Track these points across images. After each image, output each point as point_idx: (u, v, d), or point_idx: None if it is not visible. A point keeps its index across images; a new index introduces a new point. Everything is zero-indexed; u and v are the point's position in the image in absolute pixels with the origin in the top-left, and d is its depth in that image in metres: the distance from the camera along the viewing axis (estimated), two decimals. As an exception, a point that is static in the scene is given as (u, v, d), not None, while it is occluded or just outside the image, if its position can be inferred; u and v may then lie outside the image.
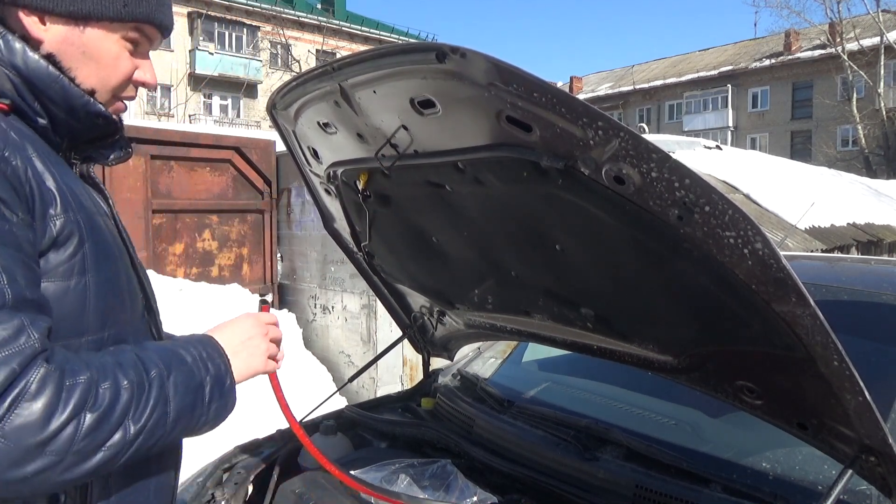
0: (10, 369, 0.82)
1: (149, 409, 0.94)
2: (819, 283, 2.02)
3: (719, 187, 1.68)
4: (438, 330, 2.38)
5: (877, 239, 8.93)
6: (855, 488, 1.44)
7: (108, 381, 0.91)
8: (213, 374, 1.05)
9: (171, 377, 0.98)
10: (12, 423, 0.81)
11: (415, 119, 1.38)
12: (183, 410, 0.99)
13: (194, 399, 1.01)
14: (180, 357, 1.03)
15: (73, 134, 1.08)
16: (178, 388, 0.98)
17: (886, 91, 27.22)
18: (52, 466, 0.84)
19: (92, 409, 0.87)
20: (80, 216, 0.99)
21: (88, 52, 1.05)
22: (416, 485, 1.67)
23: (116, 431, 0.89)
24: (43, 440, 0.83)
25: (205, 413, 1.03)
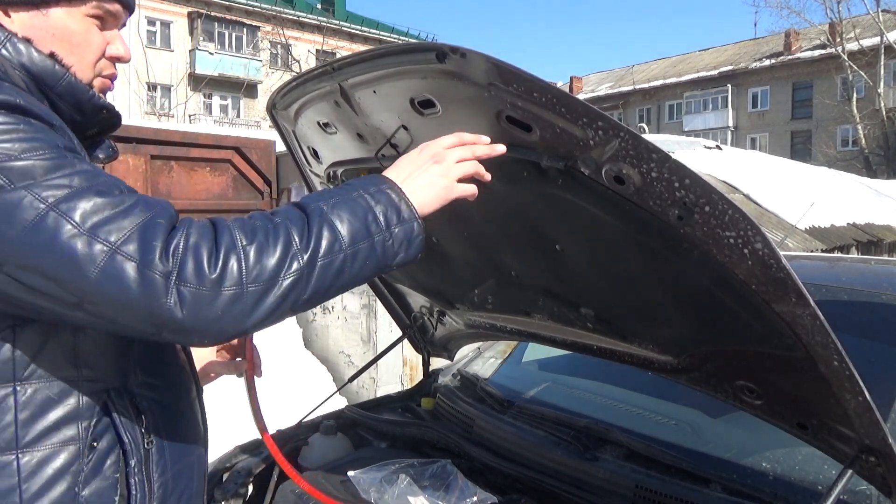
0: (160, 224, 0.90)
1: (314, 235, 0.96)
2: (819, 283, 2.02)
3: (719, 187, 1.68)
4: (438, 330, 2.38)
5: (877, 239, 8.94)
6: (855, 488, 1.44)
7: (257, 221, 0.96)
8: (383, 201, 1.03)
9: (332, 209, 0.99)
10: (185, 268, 0.88)
11: (415, 119, 1.38)
12: (357, 234, 0.98)
13: (365, 223, 1.00)
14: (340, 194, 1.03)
15: (77, 130, 1.10)
16: (342, 217, 0.99)
17: (886, 91, 27.23)
18: (238, 300, 0.90)
19: (248, 242, 0.92)
20: None
21: (58, 33, 1.07)
22: (416, 485, 1.67)
23: (287, 260, 0.93)
24: (216, 277, 0.89)
25: (389, 237, 1.01)
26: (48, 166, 0.89)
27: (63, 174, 0.89)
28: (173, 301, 0.87)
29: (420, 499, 1.64)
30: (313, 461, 2.02)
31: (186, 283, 0.88)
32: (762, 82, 34.95)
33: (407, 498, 1.64)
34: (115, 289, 0.87)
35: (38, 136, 0.91)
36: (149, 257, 0.87)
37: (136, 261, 0.87)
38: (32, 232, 0.86)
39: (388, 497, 1.65)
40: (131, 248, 0.87)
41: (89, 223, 0.87)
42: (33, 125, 0.92)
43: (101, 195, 0.90)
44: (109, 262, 0.86)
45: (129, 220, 0.89)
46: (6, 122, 0.90)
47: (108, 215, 0.88)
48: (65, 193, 0.88)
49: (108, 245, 0.87)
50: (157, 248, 0.88)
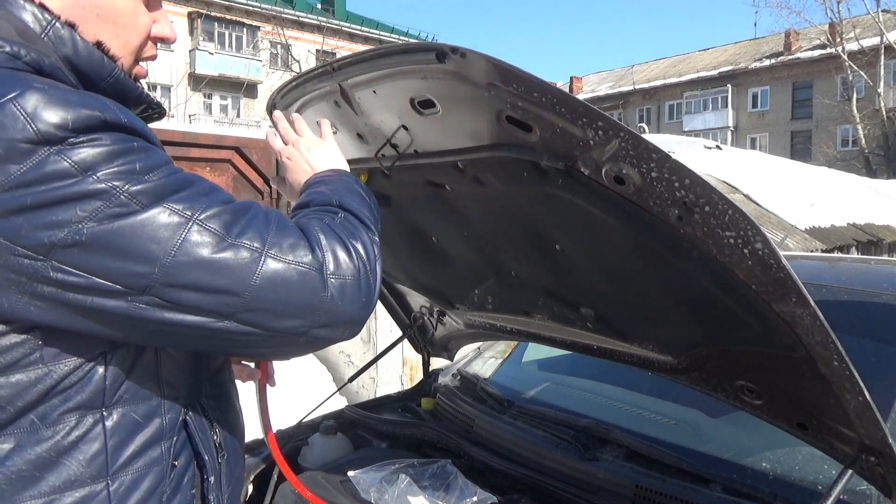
0: (290, 226, 0.93)
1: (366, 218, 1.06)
2: (819, 283, 2.02)
3: (719, 187, 1.68)
4: (438, 330, 2.38)
5: (877, 239, 8.94)
6: (855, 488, 1.44)
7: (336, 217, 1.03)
8: (347, 180, 1.16)
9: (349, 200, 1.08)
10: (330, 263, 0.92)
11: (415, 119, 1.38)
12: (370, 209, 1.10)
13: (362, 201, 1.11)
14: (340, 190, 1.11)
15: None
16: (356, 205, 1.08)
17: (886, 91, 27.23)
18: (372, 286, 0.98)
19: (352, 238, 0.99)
20: None
21: (104, 13, 0.97)
22: (416, 485, 1.67)
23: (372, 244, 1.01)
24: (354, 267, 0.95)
25: (375, 208, 1.13)
26: (173, 183, 0.86)
27: (190, 189, 0.88)
28: (331, 294, 0.90)
29: (420, 499, 1.64)
30: (313, 461, 2.02)
31: (336, 275, 0.92)
32: (762, 82, 34.94)
33: (407, 498, 1.64)
34: (278, 291, 0.87)
35: (151, 151, 0.88)
36: (299, 254, 0.90)
37: (288, 261, 0.88)
38: (182, 248, 0.83)
39: (388, 497, 1.65)
40: (279, 249, 0.89)
41: (234, 231, 0.87)
42: (140, 141, 0.88)
43: (229, 204, 0.90)
44: (265, 266, 0.87)
45: (263, 224, 0.90)
46: (116, 140, 0.84)
47: (244, 223, 0.88)
48: (201, 206, 0.86)
49: (258, 250, 0.87)
50: (302, 246, 0.91)
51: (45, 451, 0.86)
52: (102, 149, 0.81)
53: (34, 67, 0.84)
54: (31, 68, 0.84)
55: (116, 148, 0.82)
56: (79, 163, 0.79)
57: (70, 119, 0.79)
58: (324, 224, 0.98)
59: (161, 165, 0.87)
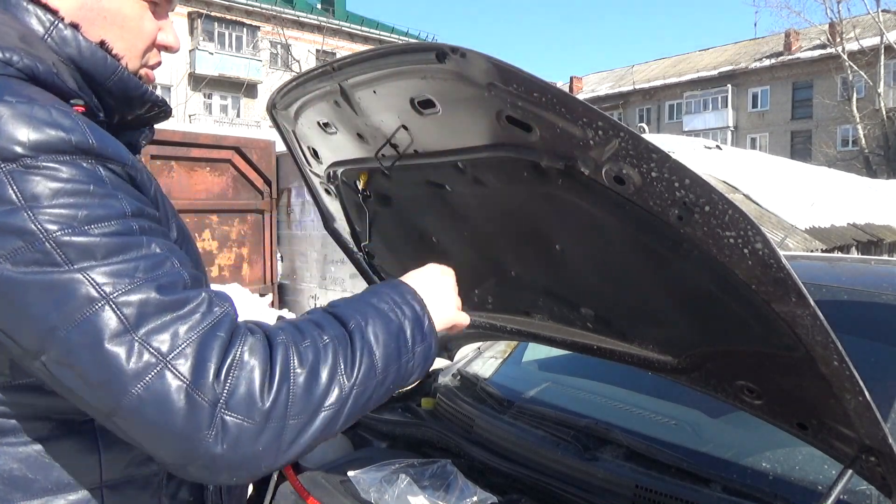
0: (221, 339, 0.80)
1: (357, 361, 0.89)
2: (819, 283, 2.02)
3: (719, 187, 1.68)
4: (438, 330, 2.38)
5: (877, 239, 8.94)
6: (855, 488, 1.44)
7: (308, 339, 0.87)
8: (410, 316, 1.01)
9: (369, 326, 0.94)
10: (234, 391, 0.79)
11: (415, 119, 1.38)
12: (390, 358, 0.94)
13: (398, 345, 0.96)
14: (373, 305, 0.98)
15: (121, 122, 1.04)
16: (378, 337, 0.94)
17: (886, 91, 27.24)
18: (278, 436, 0.81)
19: (301, 367, 0.84)
20: (178, 221, 1.00)
21: (110, 16, 0.97)
22: (416, 485, 1.67)
23: (331, 389, 0.86)
24: (265, 410, 0.80)
25: (411, 358, 0.99)
26: (112, 245, 0.79)
27: (127, 258, 0.79)
28: (214, 433, 0.77)
29: (420, 499, 1.64)
30: (313, 461, 2.02)
31: (233, 413, 0.78)
32: (762, 82, 34.96)
33: (407, 498, 1.64)
34: (156, 412, 0.76)
35: (108, 198, 0.81)
36: (201, 380, 0.77)
37: (187, 381, 0.77)
38: (81, 326, 0.76)
39: (388, 497, 1.65)
40: (184, 364, 0.77)
41: (144, 327, 0.77)
42: (104, 181, 0.82)
43: (163, 291, 0.80)
44: (157, 378, 0.76)
45: (186, 328, 0.79)
46: (74, 177, 0.79)
47: (167, 320, 0.79)
48: (125, 285, 0.78)
49: (160, 357, 0.77)
50: (210, 369, 0.78)
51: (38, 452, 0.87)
52: (53, 184, 0.77)
53: (27, 74, 0.85)
54: (24, 75, 0.84)
55: (68, 187, 0.78)
56: (22, 192, 0.76)
57: (30, 138, 0.77)
58: (282, 347, 0.84)
59: (109, 219, 0.80)
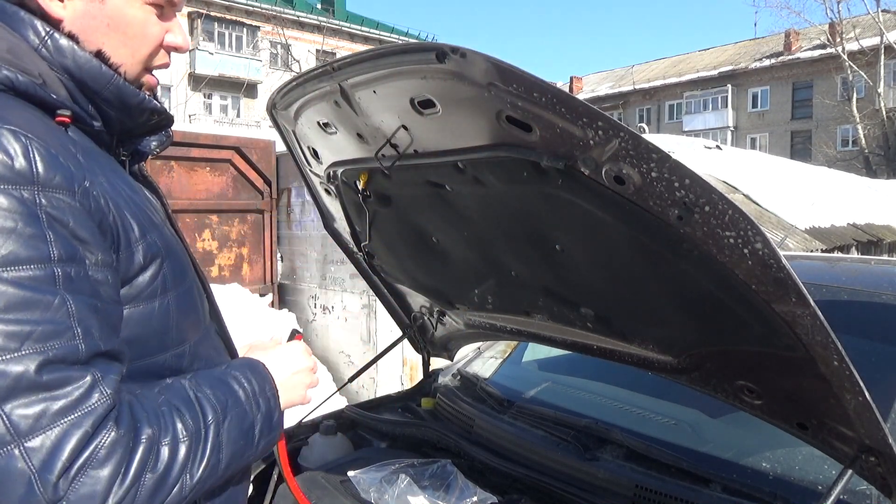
0: (84, 431, 0.78)
1: (205, 460, 0.89)
2: (819, 283, 2.02)
3: (719, 187, 1.68)
4: (438, 330, 2.38)
5: (877, 239, 8.93)
6: (855, 488, 1.44)
7: (168, 435, 0.86)
8: (263, 412, 1.02)
9: (225, 422, 0.94)
10: (77, 491, 0.76)
11: (415, 119, 1.38)
12: (235, 455, 0.95)
13: (245, 442, 0.97)
14: (235, 394, 0.99)
15: (125, 130, 1.04)
16: (231, 434, 0.94)
17: (886, 91, 27.24)
18: None
19: (153, 471, 0.83)
20: (155, 236, 0.97)
21: (114, 23, 0.97)
22: (416, 485, 1.67)
23: (174, 488, 0.85)
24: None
25: (254, 452, 1.00)
26: (17, 299, 0.76)
27: (26, 318, 0.76)
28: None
29: (420, 499, 1.64)
30: (313, 461, 2.02)
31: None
32: (762, 82, 34.94)
33: (407, 498, 1.64)
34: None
35: (35, 239, 0.78)
36: (47, 474, 0.74)
37: (34, 470, 0.74)
38: None
39: (388, 497, 1.65)
40: (36, 451, 0.74)
41: (11, 402, 0.74)
42: (36, 218, 0.79)
43: (45, 369, 0.76)
44: (6, 456, 0.73)
45: (55, 412, 0.76)
46: (6, 207, 0.77)
47: (37, 397, 0.75)
48: (10, 352, 0.75)
49: (15, 436, 0.74)
50: (61, 464, 0.75)
51: None
52: None
53: (6, 85, 0.86)
54: (2, 85, 0.86)
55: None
56: None
57: None
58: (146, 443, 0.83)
59: (29, 262, 0.77)
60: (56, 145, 0.85)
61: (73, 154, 0.87)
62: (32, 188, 0.79)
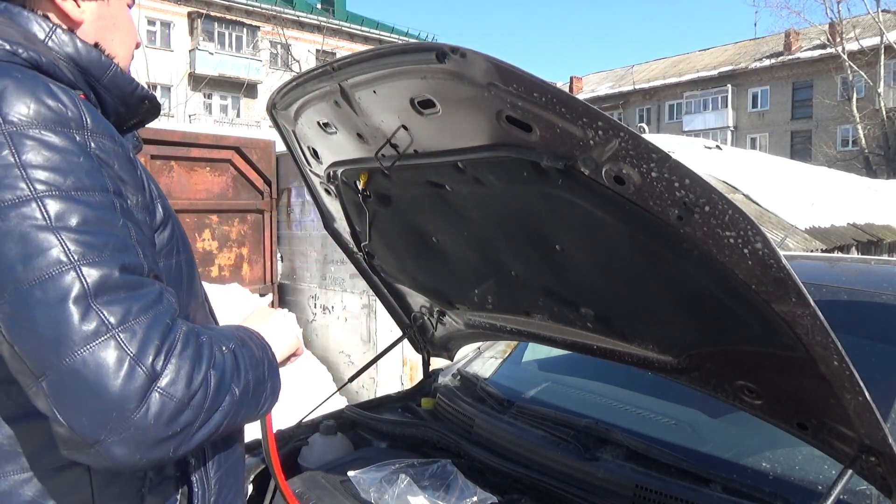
0: (164, 323, 0.86)
1: (241, 375, 0.96)
2: (819, 283, 2.02)
3: (719, 187, 1.68)
4: (438, 330, 2.38)
5: (877, 239, 8.93)
6: (855, 488, 1.44)
7: (217, 345, 0.94)
8: (268, 355, 1.08)
9: (243, 350, 1.01)
10: (168, 375, 0.83)
11: (415, 119, 1.38)
12: (257, 381, 1.00)
13: (260, 372, 1.02)
14: (240, 336, 1.05)
15: (119, 121, 1.10)
16: (249, 361, 1.00)
17: (886, 91, 27.24)
18: (193, 422, 0.86)
19: (215, 368, 0.90)
20: (167, 202, 1.06)
21: (116, 21, 1.08)
22: (416, 485, 1.67)
23: (228, 394, 0.92)
24: (191, 394, 0.85)
25: (265, 389, 1.04)
26: (90, 216, 0.84)
27: (101, 231, 0.84)
28: (146, 408, 0.81)
29: (420, 499, 1.64)
30: (313, 461, 2.02)
31: (166, 392, 0.82)
32: (762, 82, 34.93)
33: (407, 498, 1.64)
34: (94, 377, 0.79)
35: (94, 172, 0.87)
36: (144, 355, 0.82)
37: (131, 353, 0.81)
38: (44, 284, 0.79)
39: (388, 497, 1.65)
40: (131, 339, 0.82)
41: (101, 297, 0.81)
42: (92, 156, 0.88)
43: (125, 272, 0.85)
44: (103, 345, 0.80)
45: (139, 307, 0.84)
46: (67, 147, 0.86)
47: (123, 295, 0.83)
48: (94, 256, 0.82)
49: (110, 327, 0.81)
50: (154, 348, 0.83)
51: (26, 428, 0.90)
52: (47, 150, 0.84)
53: (32, 63, 0.92)
54: (29, 64, 0.92)
55: (60, 155, 0.85)
56: (19, 153, 0.83)
57: (32, 107, 0.85)
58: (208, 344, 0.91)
59: (94, 190, 0.86)
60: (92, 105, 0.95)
61: (103, 119, 0.96)
62: (83, 132, 0.89)
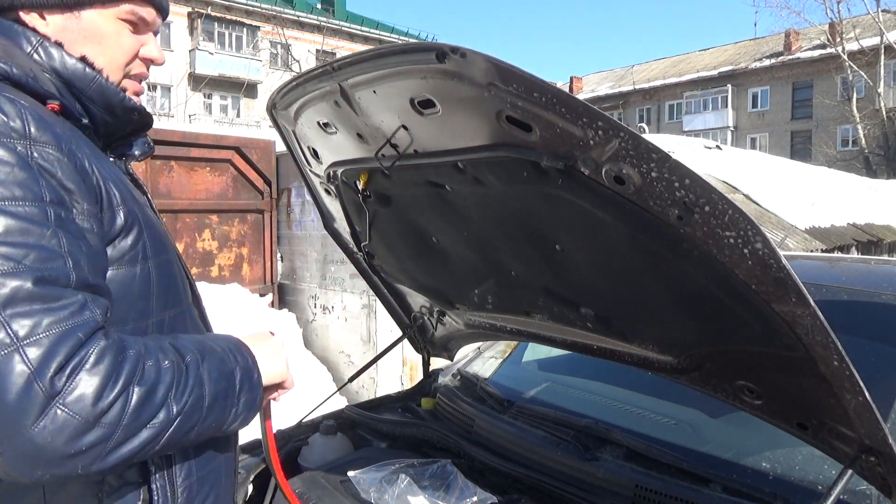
0: (76, 338, 0.85)
1: (188, 389, 0.95)
2: (819, 283, 2.02)
3: (719, 187, 1.68)
4: (438, 330, 2.38)
5: (877, 239, 8.93)
6: (855, 488, 1.44)
7: (152, 359, 0.93)
8: (241, 364, 1.07)
9: (204, 362, 1.00)
10: (72, 392, 0.83)
11: (415, 119, 1.38)
12: (217, 396, 0.99)
13: (227, 385, 1.02)
14: (210, 347, 1.05)
15: (110, 131, 1.14)
16: (211, 374, 1.00)
17: (886, 91, 27.24)
18: (104, 441, 0.85)
19: (139, 384, 0.89)
20: (135, 208, 1.05)
21: (89, 34, 1.09)
22: (416, 485, 1.67)
23: (161, 410, 0.91)
24: (99, 412, 0.84)
25: (235, 403, 1.03)
26: (13, 227, 0.85)
27: (22, 243, 0.85)
28: (43, 425, 0.80)
29: (420, 499, 1.64)
30: (313, 461, 2.02)
31: (68, 409, 0.82)
32: (762, 82, 34.93)
33: (407, 498, 1.64)
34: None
35: (28, 181, 0.88)
36: (45, 371, 0.81)
37: (31, 368, 0.80)
38: None
39: (388, 497, 1.65)
40: (34, 353, 0.81)
41: (9, 309, 0.82)
42: (29, 166, 0.88)
43: (41, 283, 0.84)
44: (5, 358, 0.80)
45: (50, 321, 0.83)
46: (5, 157, 0.87)
47: (34, 308, 0.83)
48: (9, 267, 0.83)
49: (14, 339, 0.81)
50: (57, 364, 0.82)
51: None
52: None
53: (2, 75, 0.96)
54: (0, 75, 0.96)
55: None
56: None
57: None
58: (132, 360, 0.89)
59: (24, 200, 0.86)
60: (45, 113, 0.96)
61: (60, 123, 0.98)
62: (25, 142, 0.90)
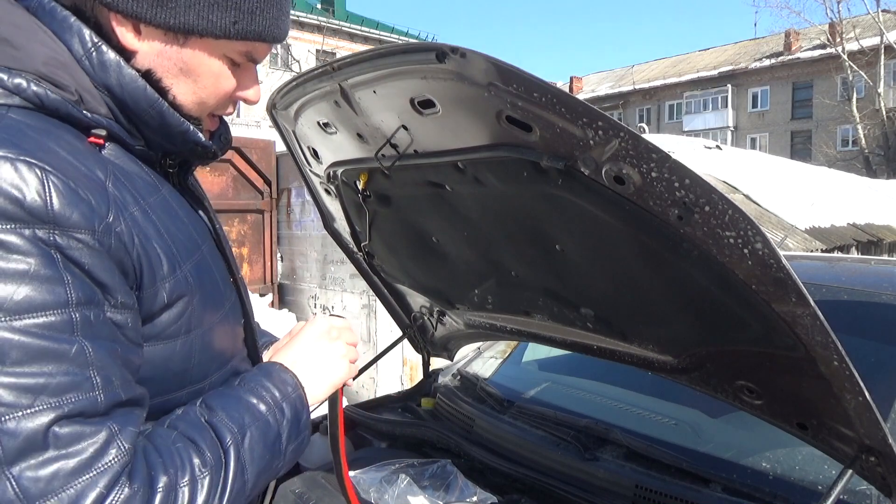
0: (98, 492, 0.74)
1: (228, 487, 0.86)
2: (819, 283, 2.02)
3: (719, 187, 1.68)
4: (438, 330, 2.38)
5: (877, 239, 8.93)
6: (855, 488, 1.44)
7: (186, 475, 0.82)
8: (289, 417, 0.97)
9: (245, 440, 0.90)
10: None
11: (415, 119, 1.38)
12: (262, 471, 0.92)
13: (272, 455, 0.93)
14: (252, 409, 0.94)
15: (166, 153, 0.99)
16: (254, 453, 0.90)
17: (886, 91, 27.26)
18: None
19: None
20: (186, 268, 0.92)
21: (187, 68, 0.93)
22: (416, 485, 1.67)
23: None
24: None
25: (282, 461, 0.96)
26: (31, 349, 0.71)
27: (41, 371, 0.72)
28: None
29: (420, 499, 1.64)
30: (313, 461, 2.02)
31: None
32: (762, 82, 34.96)
33: (407, 498, 1.64)
34: None
35: (50, 283, 0.73)
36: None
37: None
38: None
39: (388, 497, 1.65)
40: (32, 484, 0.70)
41: (21, 462, 0.70)
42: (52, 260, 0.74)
43: (60, 422, 0.72)
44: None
45: (68, 472, 0.72)
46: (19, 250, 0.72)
47: (50, 457, 0.71)
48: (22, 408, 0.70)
49: (24, 501, 0.69)
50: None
51: None
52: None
53: (34, 102, 0.81)
54: (31, 103, 0.82)
55: (6, 264, 0.71)
56: None
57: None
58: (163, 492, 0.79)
59: (45, 309, 0.72)
60: (78, 176, 0.78)
61: (99, 183, 0.81)
62: (46, 227, 0.74)
